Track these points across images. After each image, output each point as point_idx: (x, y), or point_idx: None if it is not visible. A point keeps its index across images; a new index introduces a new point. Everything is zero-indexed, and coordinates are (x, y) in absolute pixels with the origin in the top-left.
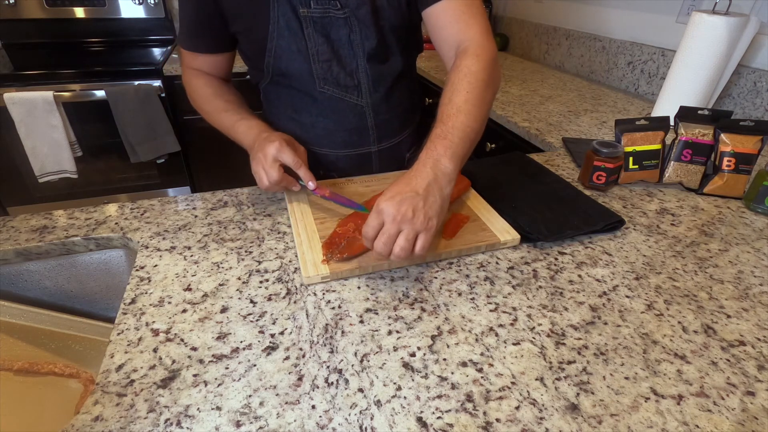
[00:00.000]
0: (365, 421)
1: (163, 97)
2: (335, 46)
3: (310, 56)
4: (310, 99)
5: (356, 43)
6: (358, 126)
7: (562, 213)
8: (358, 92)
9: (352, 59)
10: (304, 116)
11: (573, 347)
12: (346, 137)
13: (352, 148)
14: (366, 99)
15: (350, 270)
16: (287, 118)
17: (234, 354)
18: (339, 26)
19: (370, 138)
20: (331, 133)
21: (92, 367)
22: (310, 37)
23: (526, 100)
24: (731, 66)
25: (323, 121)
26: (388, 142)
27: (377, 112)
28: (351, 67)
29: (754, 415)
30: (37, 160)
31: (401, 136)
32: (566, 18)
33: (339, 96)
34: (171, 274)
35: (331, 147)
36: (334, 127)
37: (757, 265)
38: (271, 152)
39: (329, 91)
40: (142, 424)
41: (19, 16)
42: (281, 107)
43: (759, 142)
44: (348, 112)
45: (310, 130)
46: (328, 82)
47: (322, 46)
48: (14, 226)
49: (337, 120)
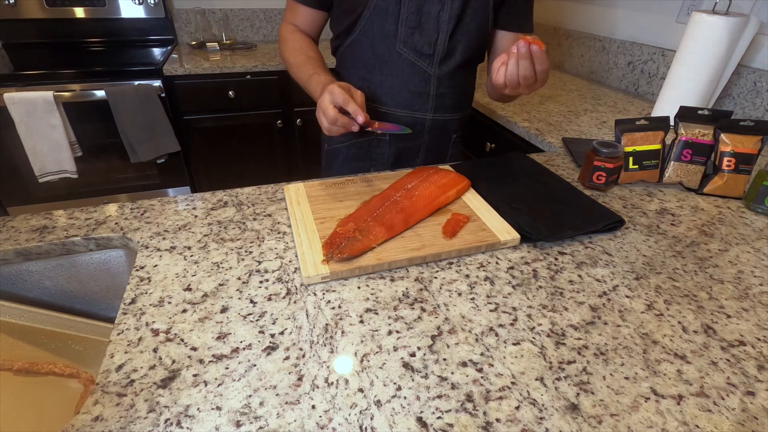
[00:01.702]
0: (365, 421)
1: (163, 97)
2: (423, 18)
3: (400, 20)
4: (386, 59)
5: (443, 20)
6: (421, 91)
7: (562, 213)
8: (430, 61)
9: (434, 32)
10: (375, 75)
11: (573, 347)
12: (408, 98)
13: (410, 110)
14: (435, 69)
15: (350, 270)
16: (359, 78)
17: (234, 354)
18: (433, 3)
19: (428, 105)
20: (396, 92)
21: (92, 367)
22: (405, 4)
23: (526, 100)
24: (731, 66)
25: (391, 80)
26: (441, 116)
27: (440, 83)
28: (431, 39)
29: (754, 415)
30: (37, 160)
31: (453, 116)
32: (566, 18)
33: (413, 60)
34: (171, 274)
35: (392, 105)
36: (400, 86)
37: (757, 265)
38: (326, 96)
39: (405, 53)
40: (142, 424)
41: (19, 16)
42: (355, 68)
43: (759, 142)
44: (415, 76)
45: (377, 89)
46: (407, 45)
47: (413, 14)
48: (14, 226)
49: (404, 80)
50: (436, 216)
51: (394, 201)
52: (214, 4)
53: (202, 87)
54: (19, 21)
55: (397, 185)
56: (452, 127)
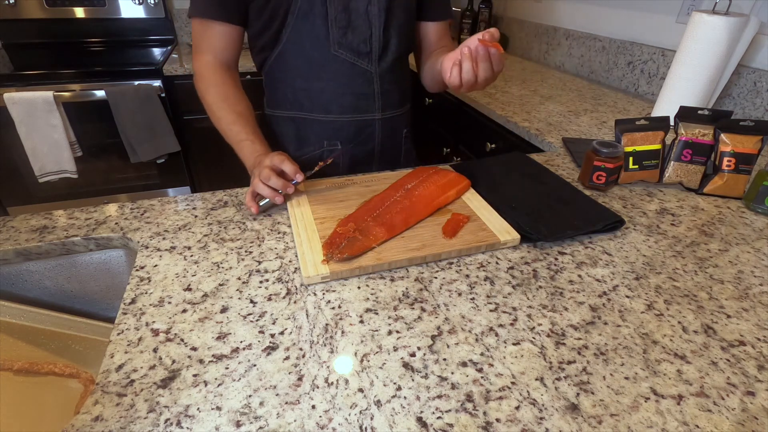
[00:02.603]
0: (365, 421)
1: (163, 97)
2: (353, 16)
3: (329, 21)
4: (322, 64)
5: (372, 15)
6: (366, 92)
7: (562, 213)
8: (368, 59)
9: (367, 29)
10: (313, 83)
11: (573, 347)
12: (354, 101)
13: (358, 113)
14: (375, 66)
15: (350, 270)
16: (296, 89)
17: (234, 354)
18: None
19: (376, 105)
20: (340, 97)
21: (92, 367)
22: (332, 3)
23: (526, 100)
24: (731, 66)
25: (333, 85)
26: (391, 113)
27: (383, 80)
28: (365, 36)
29: (754, 415)
30: (37, 160)
31: (401, 110)
32: (566, 18)
33: (351, 60)
34: (171, 274)
35: (338, 112)
36: (343, 91)
37: (757, 265)
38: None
39: (343, 55)
40: (142, 424)
41: (19, 16)
42: (290, 78)
43: (759, 142)
44: (357, 77)
45: (319, 96)
46: (342, 46)
47: (341, 13)
48: (14, 226)
49: (346, 84)
50: (436, 216)
51: (394, 201)
52: None
53: None
54: (19, 21)
55: (397, 185)
56: (401, 123)
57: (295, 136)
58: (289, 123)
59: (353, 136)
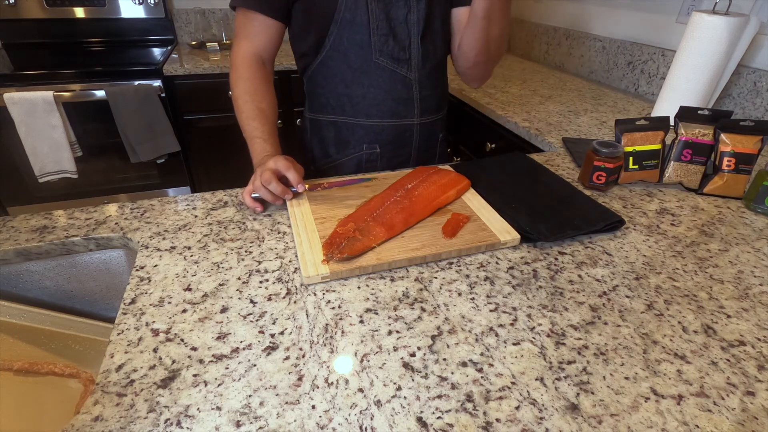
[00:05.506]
0: (365, 421)
1: (163, 97)
2: (393, 24)
3: (371, 29)
4: (364, 71)
5: (411, 23)
6: (405, 97)
7: (562, 213)
8: (408, 66)
9: (406, 37)
10: (355, 89)
11: (573, 347)
12: (394, 107)
13: (398, 118)
14: (414, 73)
15: (350, 270)
16: (338, 94)
17: (234, 354)
18: (399, 7)
19: (414, 110)
20: (380, 102)
21: (92, 367)
22: (373, 12)
23: (526, 100)
24: (731, 66)
25: (374, 91)
26: (428, 118)
27: (422, 86)
28: (404, 43)
29: (754, 415)
30: (37, 160)
31: (438, 115)
32: (566, 18)
33: (391, 68)
34: (171, 274)
35: (378, 117)
36: (383, 96)
37: (757, 265)
38: (269, 164)
39: (383, 62)
40: (142, 424)
41: (19, 16)
42: (332, 84)
43: (759, 142)
44: (397, 83)
45: (360, 102)
46: (383, 53)
47: (382, 21)
48: (14, 226)
49: (387, 90)
50: (436, 216)
51: (394, 201)
52: (214, 4)
53: (202, 87)
54: (19, 21)
55: (396, 185)
56: (438, 128)
57: (336, 139)
58: (330, 127)
59: (392, 140)
